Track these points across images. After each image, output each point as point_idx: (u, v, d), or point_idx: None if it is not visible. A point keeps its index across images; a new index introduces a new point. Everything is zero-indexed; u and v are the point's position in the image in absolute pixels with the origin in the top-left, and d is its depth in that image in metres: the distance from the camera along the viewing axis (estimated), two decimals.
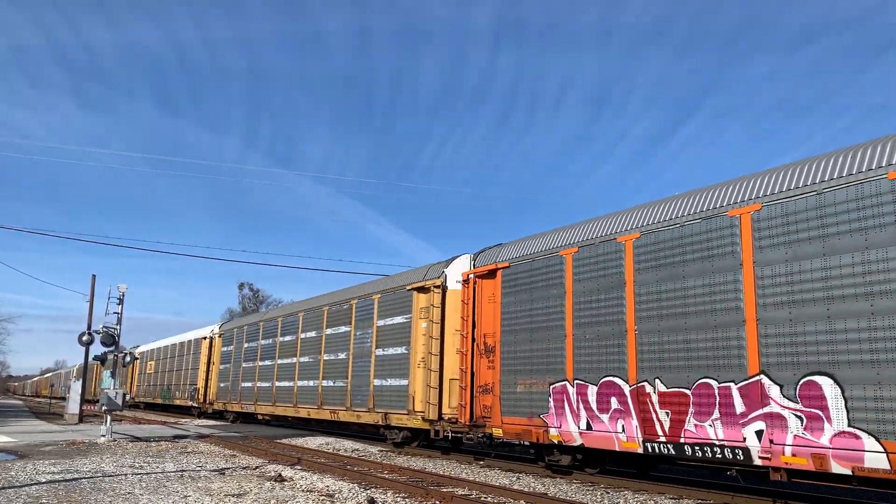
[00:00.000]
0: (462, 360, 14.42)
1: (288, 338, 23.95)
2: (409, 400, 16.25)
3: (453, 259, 16.21)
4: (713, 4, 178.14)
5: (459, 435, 14.70)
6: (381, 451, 17.66)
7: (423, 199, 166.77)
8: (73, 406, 29.46)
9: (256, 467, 13.12)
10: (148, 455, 15.01)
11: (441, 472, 12.81)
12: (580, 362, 11.57)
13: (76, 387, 30.16)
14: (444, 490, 10.32)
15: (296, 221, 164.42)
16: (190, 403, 34.26)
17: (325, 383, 20.66)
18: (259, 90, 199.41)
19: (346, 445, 18.71)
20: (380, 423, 17.56)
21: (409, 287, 16.92)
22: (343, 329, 20.10)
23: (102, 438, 18.58)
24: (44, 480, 10.76)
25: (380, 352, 17.93)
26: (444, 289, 15.87)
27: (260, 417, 27.02)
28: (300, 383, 22.36)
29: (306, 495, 9.83)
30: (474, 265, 15.01)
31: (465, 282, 14.77)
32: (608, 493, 10.65)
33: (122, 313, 20.81)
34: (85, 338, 25.53)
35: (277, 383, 24.12)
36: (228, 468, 12.85)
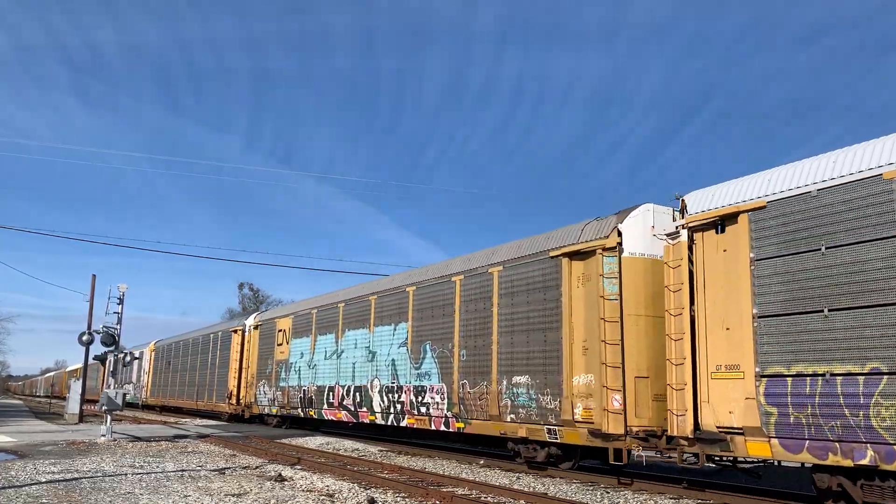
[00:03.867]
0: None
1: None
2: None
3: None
4: (718, 4, 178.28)
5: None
6: (381, 450, 17.65)
7: (427, 198, 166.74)
8: (74, 406, 29.46)
9: (256, 467, 13.12)
10: (148, 455, 15.01)
11: (441, 472, 12.80)
12: None
13: (76, 387, 30.15)
14: (444, 490, 10.32)
15: (298, 221, 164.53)
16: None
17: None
18: (263, 89, 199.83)
19: (347, 445, 18.70)
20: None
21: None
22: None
23: (102, 438, 18.58)
24: (44, 480, 10.76)
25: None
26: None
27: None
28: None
29: (306, 495, 9.83)
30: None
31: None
32: (608, 492, 10.65)
33: (122, 313, 20.82)
34: (85, 337, 25.54)
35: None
36: (228, 468, 12.85)
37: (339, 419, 20.03)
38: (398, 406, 17.21)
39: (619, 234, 11.59)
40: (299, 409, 22.75)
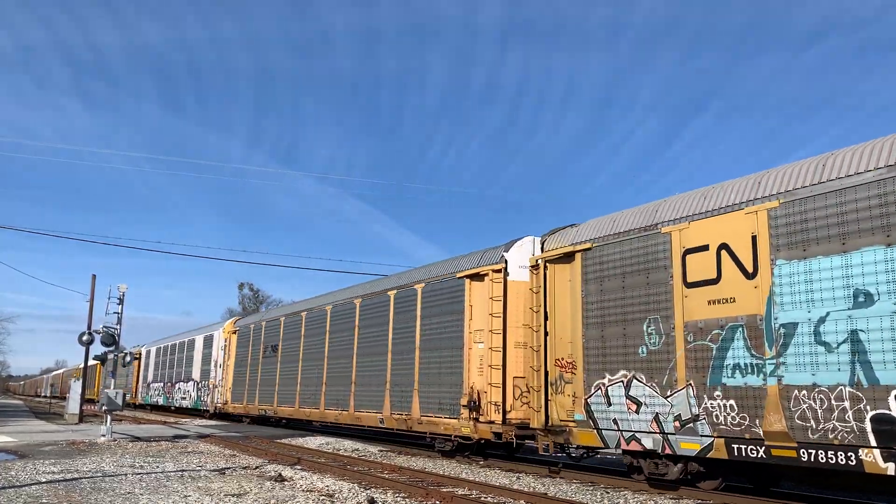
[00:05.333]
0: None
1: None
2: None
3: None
4: (721, 4, 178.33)
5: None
6: (381, 451, 17.67)
7: (429, 199, 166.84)
8: (74, 406, 29.47)
9: (256, 467, 13.12)
10: (148, 455, 15.01)
11: (441, 472, 12.81)
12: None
13: (76, 386, 30.16)
14: (444, 490, 10.32)
15: (299, 221, 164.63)
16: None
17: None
18: (265, 90, 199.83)
19: (346, 445, 18.71)
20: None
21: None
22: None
23: (102, 438, 18.59)
24: (44, 480, 10.77)
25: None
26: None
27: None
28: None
29: (306, 495, 9.83)
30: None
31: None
32: (608, 493, 10.66)
33: (122, 313, 20.80)
34: (85, 338, 25.52)
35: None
36: (228, 468, 12.85)
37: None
38: None
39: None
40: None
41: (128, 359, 22.11)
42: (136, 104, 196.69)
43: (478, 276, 14.84)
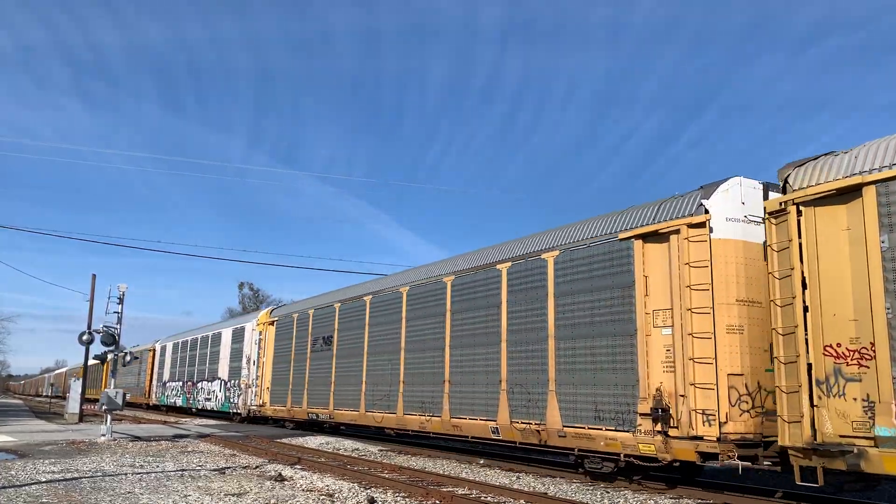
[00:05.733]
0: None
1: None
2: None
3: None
4: (722, 4, 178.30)
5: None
6: (381, 450, 17.64)
7: (429, 198, 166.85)
8: (74, 405, 29.45)
9: (256, 467, 13.12)
10: (148, 454, 15.01)
11: (441, 472, 12.80)
12: None
13: (76, 386, 30.14)
14: (444, 490, 10.31)
15: (300, 221, 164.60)
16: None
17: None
18: (265, 90, 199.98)
19: (347, 445, 18.70)
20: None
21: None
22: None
23: (102, 438, 18.58)
24: (44, 480, 10.76)
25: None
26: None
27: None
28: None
29: (306, 495, 9.83)
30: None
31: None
32: (608, 492, 10.65)
33: (122, 313, 20.78)
34: (85, 337, 25.50)
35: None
36: (228, 468, 12.85)
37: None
38: None
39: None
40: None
41: (128, 359, 22.08)
42: (136, 104, 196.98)
43: (655, 236, 11.00)
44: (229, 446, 17.38)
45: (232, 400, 28.88)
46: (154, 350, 43.59)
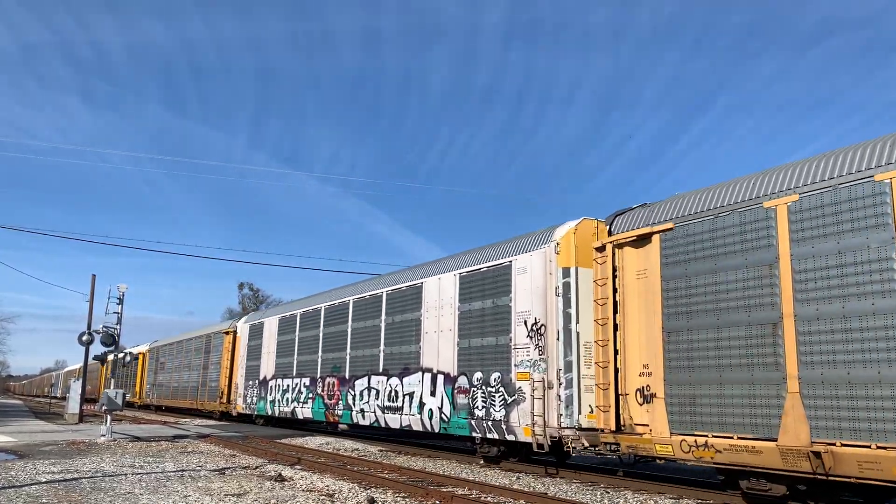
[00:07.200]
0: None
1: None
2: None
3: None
4: (723, 4, 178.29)
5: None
6: (381, 450, 17.65)
7: (430, 199, 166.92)
8: (73, 406, 29.45)
9: (256, 467, 13.12)
10: (148, 455, 15.01)
11: (441, 472, 12.80)
12: None
13: (76, 386, 30.14)
14: (444, 490, 10.31)
15: (301, 221, 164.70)
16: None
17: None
18: (267, 90, 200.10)
19: (347, 445, 18.70)
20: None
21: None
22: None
23: (102, 438, 18.58)
24: (44, 480, 10.76)
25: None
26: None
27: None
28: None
29: (306, 495, 9.83)
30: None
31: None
32: (608, 492, 10.65)
33: (122, 313, 20.80)
34: (85, 337, 25.53)
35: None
36: (228, 468, 12.85)
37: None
38: None
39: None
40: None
41: (127, 359, 22.10)
42: (137, 103, 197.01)
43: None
44: (229, 447, 17.38)
45: (494, 414, 13.44)
46: (236, 330, 28.65)
